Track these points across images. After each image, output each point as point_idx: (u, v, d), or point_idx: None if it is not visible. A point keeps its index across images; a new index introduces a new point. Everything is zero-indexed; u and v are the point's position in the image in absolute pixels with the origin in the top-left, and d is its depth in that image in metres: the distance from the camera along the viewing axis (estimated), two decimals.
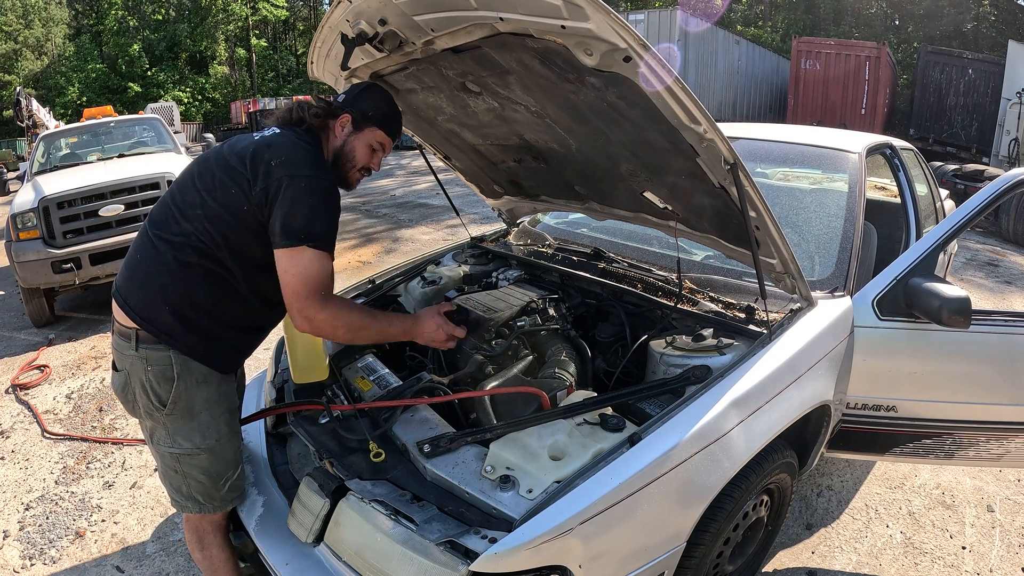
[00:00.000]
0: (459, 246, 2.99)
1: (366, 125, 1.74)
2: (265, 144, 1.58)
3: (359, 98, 1.75)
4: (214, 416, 1.64)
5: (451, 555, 1.31)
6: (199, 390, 1.60)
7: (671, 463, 1.45)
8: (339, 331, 1.60)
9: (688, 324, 1.99)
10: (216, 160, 1.62)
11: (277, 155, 1.54)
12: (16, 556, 2.53)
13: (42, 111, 10.08)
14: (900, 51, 24.42)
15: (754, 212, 1.66)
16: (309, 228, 1.49)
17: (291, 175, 1.50)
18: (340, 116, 1.72)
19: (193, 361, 1.59)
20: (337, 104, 1.73)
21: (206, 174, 1.60)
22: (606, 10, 1.24)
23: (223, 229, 1.54)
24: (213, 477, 1.68)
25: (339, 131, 1.73)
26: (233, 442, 1.71)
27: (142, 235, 1.64)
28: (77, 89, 28.88)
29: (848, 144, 2.80)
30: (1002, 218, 7.63)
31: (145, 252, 1.61)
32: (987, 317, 2.07)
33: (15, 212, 5.02)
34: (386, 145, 1.79)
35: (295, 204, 1.49)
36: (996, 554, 2.39)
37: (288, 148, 1.57)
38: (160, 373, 1.57)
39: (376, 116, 1.74)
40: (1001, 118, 11.78)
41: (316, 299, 1.51)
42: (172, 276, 1.56)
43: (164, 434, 1.63)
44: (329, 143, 1.73)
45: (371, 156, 1.78)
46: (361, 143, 1.74)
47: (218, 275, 1.57)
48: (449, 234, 7.68)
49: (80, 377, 4.22)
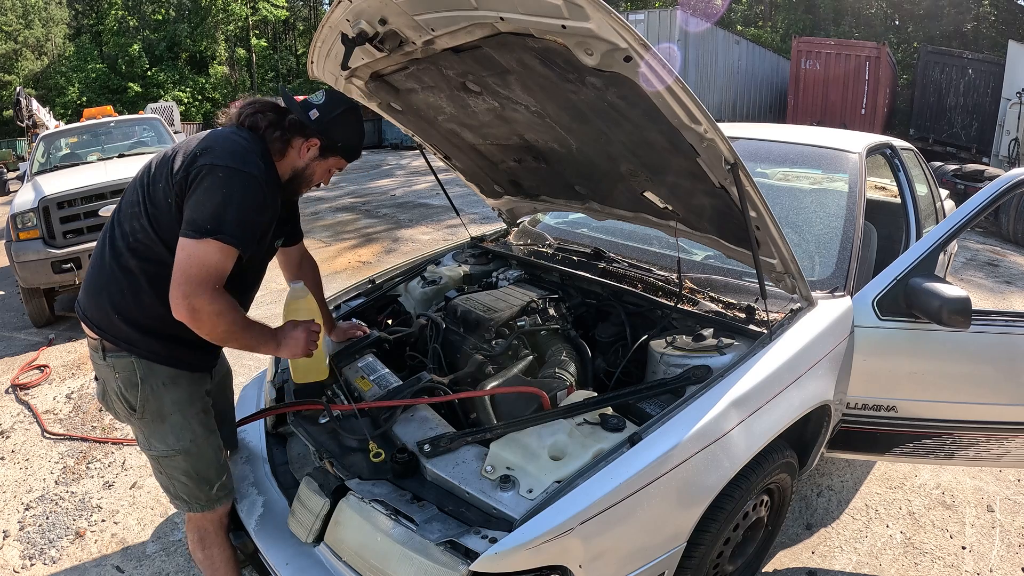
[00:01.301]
0: (459, 246, 2.99)
1: (331, 154, 1.70)
2: (198, 139, 1.56)
3: (333, 125, 1.66)
4: (186, 417, 1.63)
5: (451, 555, 1.31)
6: (167, 392, 1.60)
7: (671, 463, 1.45)
8: (219, 328, 1.48)
9: (688, 324, 2.00)
10: (156, 158, 1.60)
11: (204, 145, 1.51)
12: (16, 556, 2.53)
13: (42, 111, 10.07)
14: (900, 51, 24.41)
15: (754, 212, 1.66)
16: (217, 220, 1.42)
17: (211, 164, 1.46)
18: (310, 139, 1.65)
19: (156, 364, 1.58)
20: (309, 126, 1.64)
21: (146, 173, 1.58)
22: (607, 10, 1.24)
23: (154, 225, 1.52)
24: (194, 478, 1.67)
25: (304, 152, 1.67)
26: (211, 441, 1.70)
27: (97, 244, 1.63)
28: (77, 89, 28.85)
29: (848, 144, 2.80)
30: (1002, 218, 7.63)
31: (95, 261, 1.61)
32: (987, 317, 2.06)
33: (15, 212, 5.01)
34: (342, 168, 1.79)
35: (208, 193, 1.44)
36: (996, 554, 2.39)
37: (219, 139, 1.53)
38: (127, 379, 1.58)
39: (344, 147, 1.71)
40: (1001, 118, 11.78)
41: (208, 289, 1.43)
42: (118, 284, 1.55)
43: (142, 438, 1.66)
44: (288, 159, 1.67)
45: (326, 176, 1.77)
46: (322, 168, 1.73)
47: (161, 277, 1.52)
48: (449, 234, 7.68)
49: (80, 377, 4.21)
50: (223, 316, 1.47)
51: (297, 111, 1.65)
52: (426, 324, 2.22)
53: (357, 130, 1.74)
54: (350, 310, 2.44)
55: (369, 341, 2.13)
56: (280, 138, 1.62)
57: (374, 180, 13.40)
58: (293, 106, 1.66)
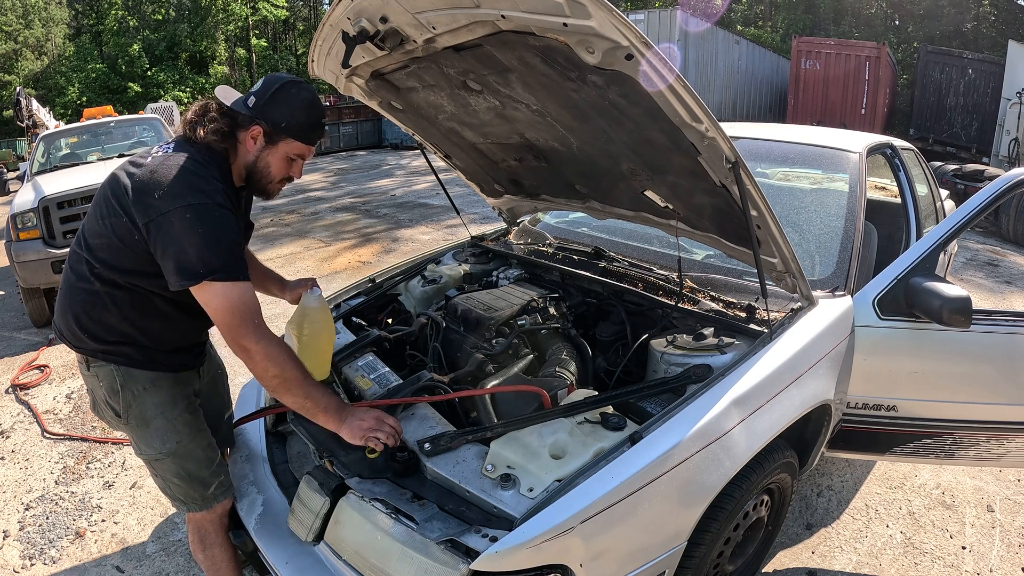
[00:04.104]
0: (459, 245, 2.99)
1: (280, 137, 1.54)
2: (149, 172, 1.45)
3: (269, 105, 1.52)
4: (169, 420, 1.63)
5: (452, 554, 1.30)
6: (148, 396, 1.60)
7: (672, 462, 1.45)
8: (270, 372, 1.45)
9: (689, 323, 1.99)
10: (111, 185, 1.50)
11: (159, 185, 1.41)
12: (16, 556, 2.53)
13: (42, 111, 10.06)
14: (900, 51, 24.41)
15: (755, 211, 1.66)
16: (204, 262, 1.38)
17: (172, 208, 1.38)
18: (251, 127, 1.53)
19: (134, 369, 1.58)
20: (244, 114, 1.52)
21: (102, 199, 1.51)
22: (608, 8, 1.24)
23: (122, 253, 1.47)
24: (186, 478, 1.67)
25: (251, 145, 1.55)
26: (199, 441, 1.69)
27: (65, 264, 1.62)
28: (77, 89, 28.84)
29: (848, 144, 2.80)
30: (1002, 218, 7.63)
31: (64, 278, 1.60)
32: (987, 317, 2.06)
33: (15, 212, 5.01)
34: (305, 155, 1.62)
35: (183, 240, 1.37)
36: (996, 554, 2.39)
37: (170, 172, 1.43)
38: (109, 387, 1.59)
39: (290, 126, 1.53)
40: (1001, 118, 11.77)
41: (249, 327, 1.41)
42: (83, 306, 1.54)
43: (133, 442, 1.67)
44: (239, 157, 1.57)
45: (289, 166, 1.61)
46: (276, 157, 1.57)
47: (127, 301, 1.51)
48: (449, 234, 7.68)
49: (80, 377, 4.21)
50: (274, 361, 1.44)
51: (236, 104, 1.55)
52: (426, 323, 2.22)
53: (301, 105, 1.54)
54: (350, 309, 2.43)
55: (369, 340, 2.13)
56: (224, 139, 1.53)
57: (374, 180, 13.40)
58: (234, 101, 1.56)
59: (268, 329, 1.47)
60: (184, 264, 1.38)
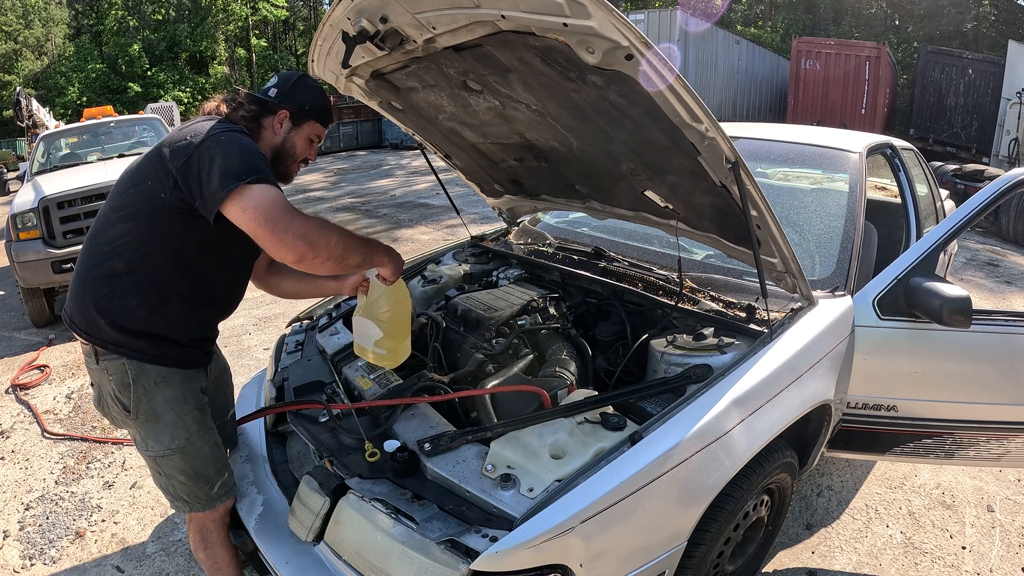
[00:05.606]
0: (459, 245, 2.99)
1: (304, 120, 1.72)
2: (179, 128, 1.58)
3: (294, 91, 1.71)
4: (180, 416, 1.63)
5: (452, 554, 1.30)
6: (159, 392, 1.60)
7: (672, 462, 1.45)
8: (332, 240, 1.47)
9: (689, 323, 1.99)
10: (137, 162, 1.60)
11: (193, 133, 1.51)
12: (16, 556, 2.53)
13: (42, 111, 10.07)
14: (900, 51, 24.41)
15: (755, 211, 1.66)
16: (245, 167, 1.43)
17: (208, 136, 1.48)
18: (277, 112, 1.69)
19: (147, 364, 1.58)
20: (272, 100, 1.69)
21: (128, 173, 1.59)
22: (608, 8, 1.24)
23: (147, 223, 1.52)
24: (192, 476, 1.67)
25: (278, 128, 1.70)
26: (207, 439, 1.69)
27: (80, 251, 1.63)
28: (77, 89, 28.84)
29: (848, 144, 2.80)
30: (1002, 218, 7.63)
31: (79, 267, 1.61)
32: (988, 317, 2.06)
33: (15, 212, 5.01)
34: (322, 136, 1.81)
35: (224, 155, 1.45)
36: (996, 554, 2.39)
37: (201, 125, 1.54)
38: (119, 381, 1.58)
39: (313, 109, 1.73)
40: (1001, 118, 11.78)
41: (295, 213, 1.44)
42: (103, 290, 1.55)
43: (139, 439, 1.66)
44: (265, 140, 1.70)
45: (309, 148, 1.78)
46: (301, 137, 1.74)
47: (148, 280, 1.54)
48: (449, 234, 7.68)
49: (80, 377, 4.21)
50: (326, 228, 1.48)
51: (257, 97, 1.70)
52: (426, 323, 2.22)
53: (319, 92, 1.76)
54: (350, 308, 2.43)
55: None
56: (251, 123, 1.66)
57: (374, 180, 13.41)
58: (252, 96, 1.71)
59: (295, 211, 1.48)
60: (227, 170, 1.42)
